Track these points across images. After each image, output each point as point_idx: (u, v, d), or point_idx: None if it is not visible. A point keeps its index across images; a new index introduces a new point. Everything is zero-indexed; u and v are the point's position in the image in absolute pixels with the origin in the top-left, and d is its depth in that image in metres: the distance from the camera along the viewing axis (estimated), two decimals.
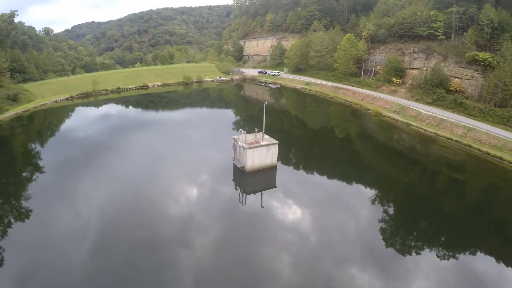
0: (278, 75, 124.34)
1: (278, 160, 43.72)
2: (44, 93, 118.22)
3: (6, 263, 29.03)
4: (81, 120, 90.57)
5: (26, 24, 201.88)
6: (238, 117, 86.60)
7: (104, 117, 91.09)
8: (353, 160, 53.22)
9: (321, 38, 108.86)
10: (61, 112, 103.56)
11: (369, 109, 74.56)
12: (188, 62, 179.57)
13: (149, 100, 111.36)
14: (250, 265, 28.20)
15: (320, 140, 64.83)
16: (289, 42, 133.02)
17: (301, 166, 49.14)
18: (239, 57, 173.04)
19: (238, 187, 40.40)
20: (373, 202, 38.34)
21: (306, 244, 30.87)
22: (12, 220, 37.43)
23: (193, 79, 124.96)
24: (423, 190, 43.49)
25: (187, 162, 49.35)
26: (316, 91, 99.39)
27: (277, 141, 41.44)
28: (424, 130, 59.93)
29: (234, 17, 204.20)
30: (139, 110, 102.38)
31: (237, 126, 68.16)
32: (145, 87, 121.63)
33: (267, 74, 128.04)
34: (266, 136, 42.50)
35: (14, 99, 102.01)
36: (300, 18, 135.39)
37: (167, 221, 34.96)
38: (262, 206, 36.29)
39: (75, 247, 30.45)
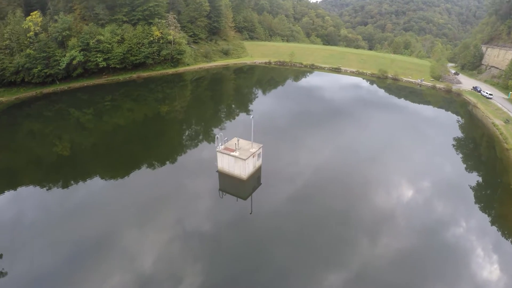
0: (491, 98, 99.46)
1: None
2: (253, 53, 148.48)
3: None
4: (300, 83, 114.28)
5: None
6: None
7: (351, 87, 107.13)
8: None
9: None
10: (269, 71, 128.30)
11: None
12: (417, 56, 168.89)
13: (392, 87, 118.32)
14: None
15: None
16: None
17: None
18: (476, 65, 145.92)
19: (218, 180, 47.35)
20: None
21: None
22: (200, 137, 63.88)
23: (389, 74, 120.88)
24: None
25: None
26: (501, 133, 73.39)
27: (243, 158, 44.01)
28: None
29: (487, 15, 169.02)
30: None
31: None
32: (337, 69, 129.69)
33: (480, 93, 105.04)
34: (253, 150, 45.98)
35: (226, 53, 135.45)
36: None
37: None
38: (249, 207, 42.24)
39: None
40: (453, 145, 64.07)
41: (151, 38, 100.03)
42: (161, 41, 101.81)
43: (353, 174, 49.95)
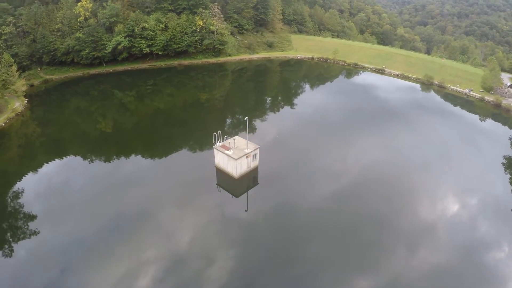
0: None
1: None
2: (298, 48, 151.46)
3: None
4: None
5: None
6: None
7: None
8: None
9: None
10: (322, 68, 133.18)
11: None
12: (472, 64, 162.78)
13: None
14: None
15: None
16: None
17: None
18: None
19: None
20: None
21: None
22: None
23: (435, 81, 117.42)
24: None
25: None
26: None
27: (235, 158, 47.86)
28: None
29: None
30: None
31: None
32: (381, 70, 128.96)
33: None
34: (247, 150, 49.51)
35: (270, 46, 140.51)
36: None
37: None
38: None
39: None
40: (503, 164, 61.25)
41: (194, 28, 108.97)
42: (203, 31, 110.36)
43: (387, 181, 51.62)
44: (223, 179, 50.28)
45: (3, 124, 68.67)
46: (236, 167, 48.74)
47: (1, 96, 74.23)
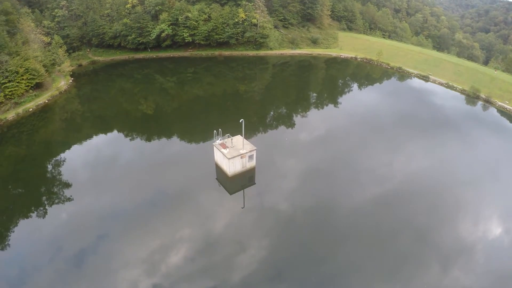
0: None
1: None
2: (344, 46, 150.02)
3: None
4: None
5: None
6: None
7: None
8: None
9: None
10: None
11: None
12: None
13: None
14: None
15: None
16: None
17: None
18: None
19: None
20: None
21: None
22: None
23: (481, 94, 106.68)
24: None
25: None
26: None
27: (228, 157, 49.83)
28: None
29: None
30: None
31: None
32: (425, 77, 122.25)
33: None
34: (244, 151, 50.97)
35: (314, 42, 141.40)
36: None
37: None
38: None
39: None
40: None
41: (236, 20, 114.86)
42: (245, 23, 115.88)
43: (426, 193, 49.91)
44: (220, 175, 53.05)
45: (47, 101, 77.27)
46: (229, 166, 51.29)
47: (48, 75, 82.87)
